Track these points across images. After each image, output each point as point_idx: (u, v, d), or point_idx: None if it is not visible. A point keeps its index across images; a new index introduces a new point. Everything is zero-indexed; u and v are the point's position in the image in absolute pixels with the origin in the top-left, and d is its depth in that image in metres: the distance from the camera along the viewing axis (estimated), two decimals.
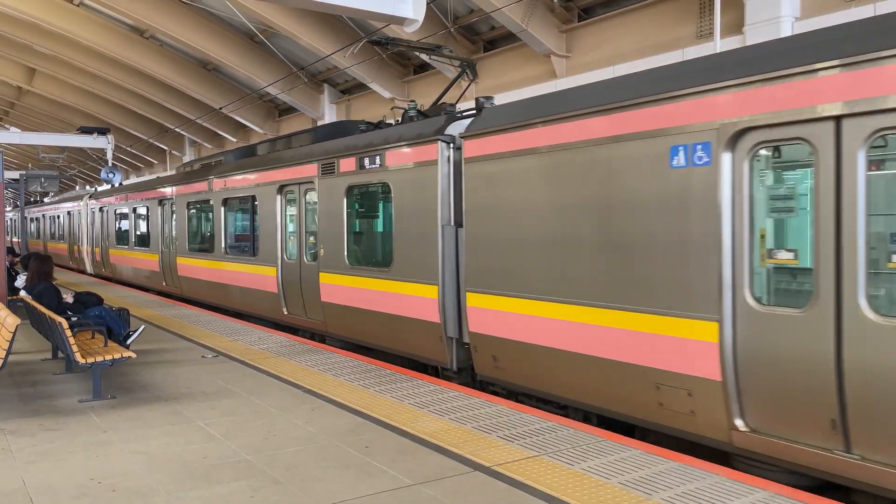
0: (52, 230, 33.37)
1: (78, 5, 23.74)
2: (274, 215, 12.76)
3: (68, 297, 10.37)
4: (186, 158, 36.29)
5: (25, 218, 32.57)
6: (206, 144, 34.47)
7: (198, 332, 11.82)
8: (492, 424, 6.35)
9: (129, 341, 9.05)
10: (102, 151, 23.27)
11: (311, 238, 11.78)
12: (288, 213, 12.72)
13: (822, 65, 4.92)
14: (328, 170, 11.03)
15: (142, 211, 20.49)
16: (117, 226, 23.04)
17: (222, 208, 15.08)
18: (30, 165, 44.08)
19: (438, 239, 8.65)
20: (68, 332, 7.33)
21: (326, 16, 19.63)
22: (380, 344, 10.03)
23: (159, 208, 18.86)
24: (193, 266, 16.66)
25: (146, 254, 20.01)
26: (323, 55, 20.35)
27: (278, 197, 12.67)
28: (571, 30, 16.57)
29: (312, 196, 11.72)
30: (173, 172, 22.67)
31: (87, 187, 34.74)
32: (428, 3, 9.20)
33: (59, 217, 31.72)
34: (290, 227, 12.63)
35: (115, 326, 8.95)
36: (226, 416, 6.78)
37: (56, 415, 6.88)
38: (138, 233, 20.97)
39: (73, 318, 8.83)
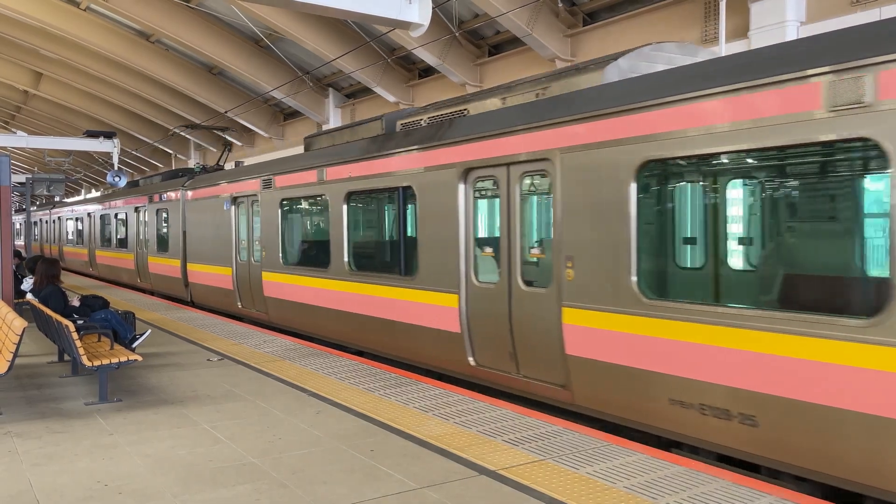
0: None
1: (84, 10, 23.86)
2: None
3: (74, 301, 10.41)
4: (191, 162, 36.36)
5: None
6: (211, 148, 34.59)
7: (203, 336, 11.85)
8: (497, 428, 6.35)
9: (134, 344, 9.09)
10: (108, 155, 23.32)
11: None
12: None
13: None
14: None
15: None
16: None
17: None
18: (36, 169, 44.33)
19: None
20: (75, 335, 7.35)
21: (331, 20, 19.69)
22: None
23: None
24: None
25: None
26: (328, 59, 20.41)
27: None
28: (576, 34, 16.59)
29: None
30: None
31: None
32: (433, 8, 9.21)
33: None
34: None
35: (121, 329, 9.00)
36: (231, 419, 6.80)
37: (62, 417, 6.91)
38: None
39: (80, 322, 8.87)
